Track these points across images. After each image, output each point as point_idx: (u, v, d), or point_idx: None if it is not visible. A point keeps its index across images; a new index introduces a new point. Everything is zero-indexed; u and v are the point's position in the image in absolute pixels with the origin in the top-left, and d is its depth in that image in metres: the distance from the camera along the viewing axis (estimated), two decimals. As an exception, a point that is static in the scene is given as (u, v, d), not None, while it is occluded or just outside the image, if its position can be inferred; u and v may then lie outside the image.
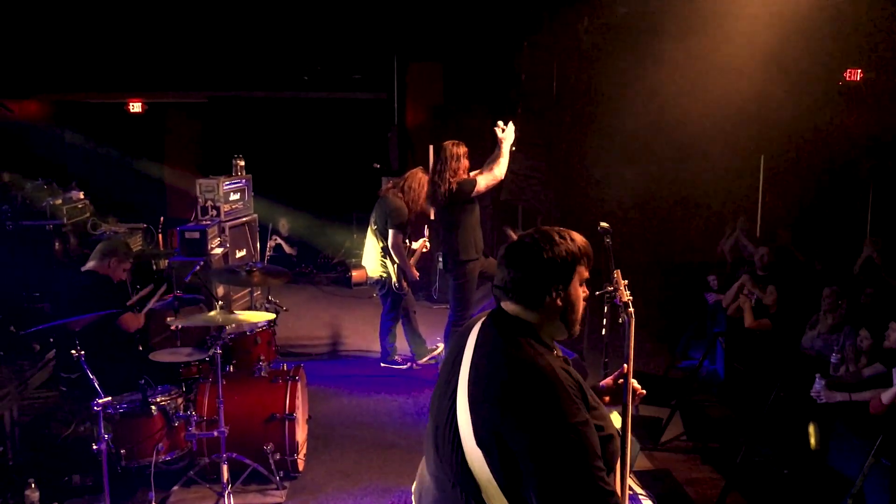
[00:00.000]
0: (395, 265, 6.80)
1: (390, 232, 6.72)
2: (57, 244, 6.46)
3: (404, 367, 7.14)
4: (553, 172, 8.68)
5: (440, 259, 6.58)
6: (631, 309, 2.82)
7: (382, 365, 7.15)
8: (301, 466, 5.04)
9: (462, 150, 6.30)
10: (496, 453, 2.08)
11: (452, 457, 2.18)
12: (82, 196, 6.89)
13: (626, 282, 2.88)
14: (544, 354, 2.19)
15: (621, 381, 2.72)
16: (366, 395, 6.46)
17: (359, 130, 10.80)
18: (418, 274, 7.03)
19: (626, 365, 2.72)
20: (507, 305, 2.30)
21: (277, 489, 4.82)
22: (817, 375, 5.46)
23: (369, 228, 7.00)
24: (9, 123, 9.99)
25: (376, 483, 4.96)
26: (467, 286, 6.44)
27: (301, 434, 5.11)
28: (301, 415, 5.12)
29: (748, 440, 5.14)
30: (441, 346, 7.29)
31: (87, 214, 7.08)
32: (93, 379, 4.22)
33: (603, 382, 2.81)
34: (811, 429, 5.35)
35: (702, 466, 5.42)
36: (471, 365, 2.23)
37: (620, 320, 2.87)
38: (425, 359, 7.15)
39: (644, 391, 2.77)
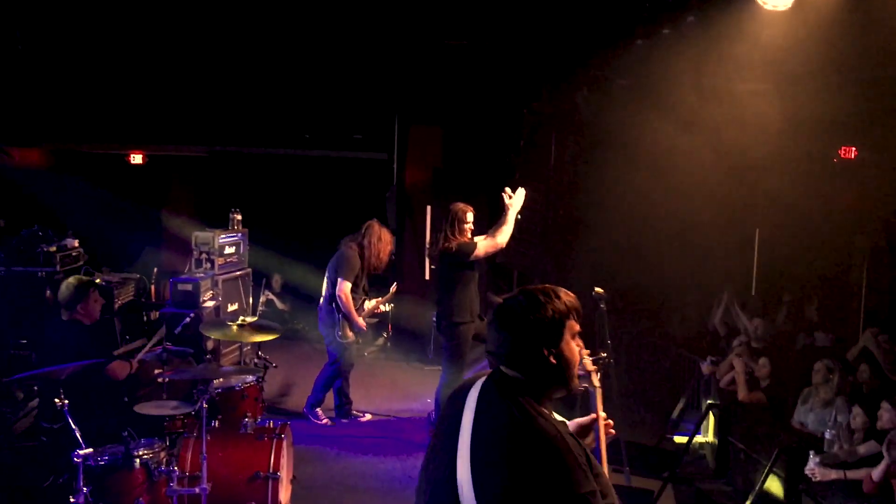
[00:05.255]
0: (340, 314, 6.76)
1: (338, 280, 6.73)
2: (48, 292, 6.42)
3: (322, 422, 7.01)
4: (549, 238, 8.71)
5: (434, 319, 6.54)
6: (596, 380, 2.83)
7: (303, 411, 7.07)
8: (283, 528, 4.92)
9: (469, 212, 6.34)
10: None
11: None
12: (77, 244, 6.88)
13: (588, 351, 2.88)
14: (548, 418, 2.17)
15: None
16: (353, 456, 6.34)
17: (357, 189, 10.87)
18: (365, 326, 6.99)
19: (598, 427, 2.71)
20: (505, 370, 2.28)
21: (258, 550, 4.69)
22: (811, 452, 5.40)
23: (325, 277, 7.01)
24: (8, 170, 10.03)
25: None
26: (460, 348, 6.40)
27: (285, 494, 5.00)
28: (286, 474, 5.02)
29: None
30: (368, 415, 7.22)
31: (80, 263, 7.06)
32: (75, 429, 4.15)
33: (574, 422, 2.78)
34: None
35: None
36: (472, 429, 2.20)
37: (582, 388, 2.84)
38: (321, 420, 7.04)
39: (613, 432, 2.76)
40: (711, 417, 6.92)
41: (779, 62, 6.89)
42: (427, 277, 9.19)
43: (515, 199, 6.32)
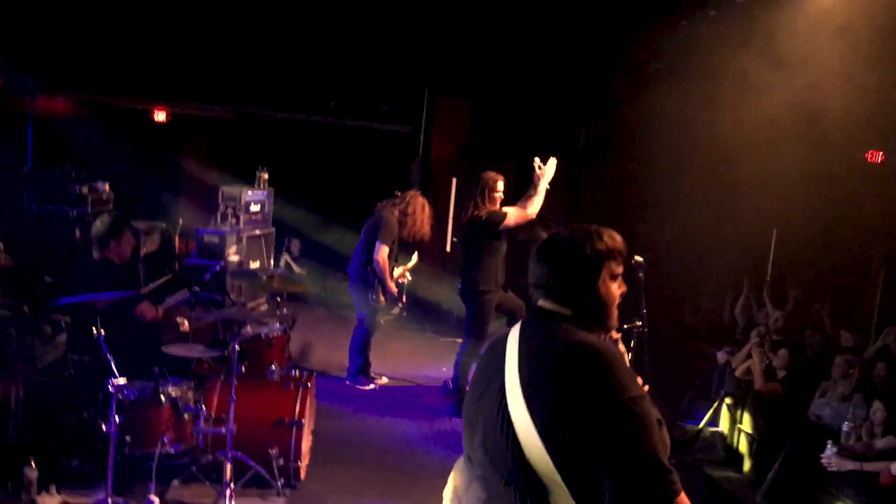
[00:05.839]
0: (375, 278, 6.76)
1: (377, 244, 6.70)
2: (78, 232, 6.45)
3: (368, 387, 7.04)
4: (573, 219, 8.71)
5: (459, 287, 6.55)
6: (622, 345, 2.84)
7: (347, 382, 7.07)
8: (303, 475, 4.95)
9: (500, 181, 6.33)
10: (560, 439, 2.06)
11: (508, 454, 2.15)
12: (107, 188, 6.91)
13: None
14: (591, 336, 2.22)
15: None
16: (370, 416, 6.40)
17: (381, 160, 10.86)
18: (397, 290, 6.97)
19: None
20: (544, 303, 2.31)
21: (278, 495, 4.74)
22: (829, 442, 5.41)
23: (360, 239, 6.99)
24: (37, 115, 10.04)
25: (377, 501, 4.88)
26: (483, 317, 6.42)
27: (306, 443, 5.04)
28: (308, 424, 5.06)
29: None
30: (385, 378, 7.23)
31: (110, 206, 7.09)
32: (110, 359, 4.17)
33: None
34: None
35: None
36: (518, 361, 2.21)
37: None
38: (367, 386, 7.07)
39: None
40: (724, 406, 6.94)
41: (816, 57, 6.85)
42: (447, 250, 9.21)
43: (547, 170, 6.30)
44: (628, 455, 2.01)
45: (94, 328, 4.20)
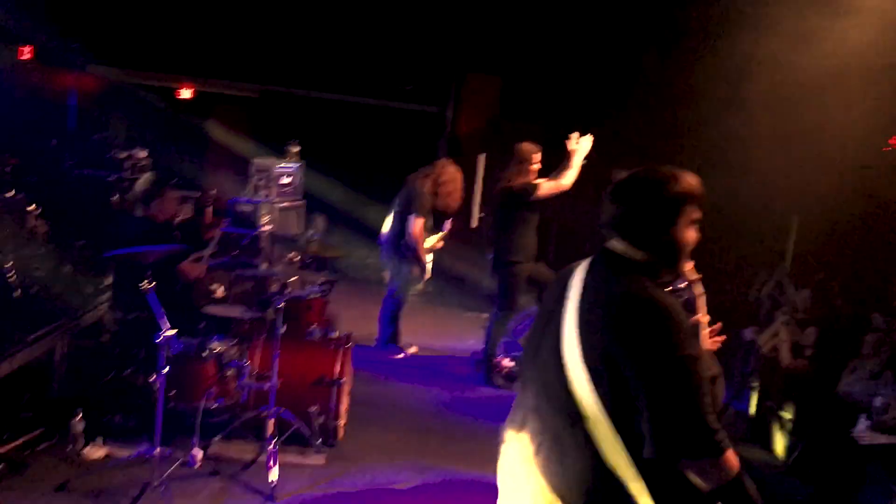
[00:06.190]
0: (409, 250, 6.80)
1: (410, 217, 6.73)
2: (115, 196, 6.53)
3: (400, 356, 7.11)
4: (600, 197, 8.70)
5: (490, 258, 6.58)
6: (700, 287, 2.81)
7: (378, 352, 7.11)
8: (341, 435, 5.03)
9: (536, 153, 6.35)
10: (606, 380, 2.09)
11: (560, 389, 2.18)
12: (145, 154, 6.98)
13: (693, 262, 2.87)
14: (658, 289, 2.19)
15: None
16: (401, 382, 6.49)
17: (406, 140, 10.90)
18: (428, 263, 6.99)
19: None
20: (615, 244, 2.28)
21: (317, 452, 4.82)
22: (862, 416, 5.44)
23: (392, 211, 7.01)
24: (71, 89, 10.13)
25: (414, 461, 4.95)
26: (513, 288, 6.45)
27: (344, 403, 5.12)
28: (347, 384, 5.13)
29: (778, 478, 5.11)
30: (414, 348, 7.27)
31: (147, 173, 7.16)
32: (160, 311, 4.23)
33: None
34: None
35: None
36: (579, 300, 2.23)
37: (683, 299, 2.84)
38: (398, 355, 7.13)
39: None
40: (751, 383, 6.96)
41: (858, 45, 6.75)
42: (473, 225, 9.24)
43: (582, 144, 6.32)
44: (676, 414, 2.01)
45: (142, 282, 4.25)
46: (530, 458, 2.30)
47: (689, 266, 2.87)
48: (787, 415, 6.28)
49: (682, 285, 2.65)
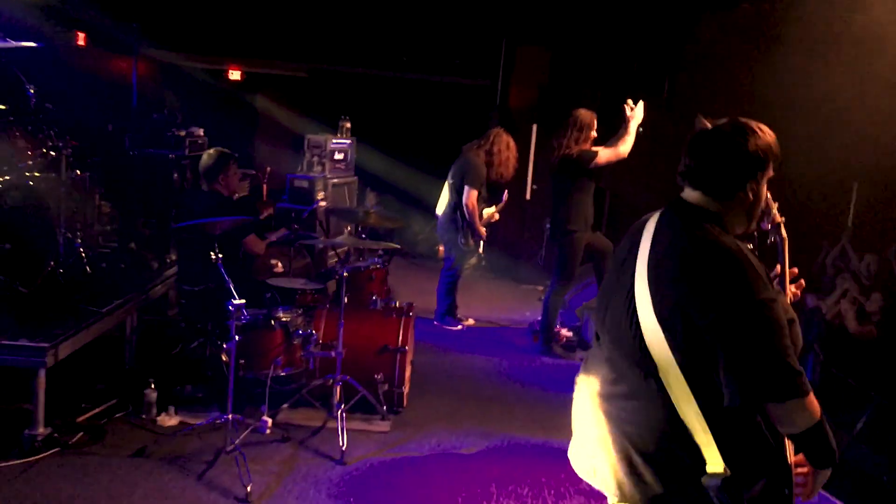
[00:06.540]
0: (465, 222, 6.80)
1: (465, 189, 6.72)
2: (175, 175, 6.64)
3: (458, 328, 7.14)
4: (654, 167, 8.60)
5: (548, 227, 6.55)
6: (783, 231, 2.76)
7: (435, 323, 7.16)
8: (405, 402, 5.09)
9: (594, 120, 6.30)
10: (679, 330, 2.08)
11: (632, 339, 2.19)
12: (202, 133, 7.08)
13: (777, 204, 2.82)
14: (730, 237, 2.19)
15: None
16: (460, 353, 6.51)
17: (458, 113, 10.88)
18: (485, 232, 6.99)
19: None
20: (690, 194, 2.28)
21: (382, 419, 4.88)
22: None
23: (446, 182, 7.02)
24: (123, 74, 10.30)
25: (477, 427, 4.99)
26: (572, 257, 6.42)
27: (407, 371, 5.17)
28: (409, 352, 5.18)
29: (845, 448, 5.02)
30: (471, 320, 7.30)
31: (210, 150, 7.26)
32: (228, 281, 4.32)
33: None
34: None
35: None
36: (651, 250, 2.23)
37: (771, 240, 2.79)
38: (455, 327, 7.17)
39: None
40: (814, 350, 6.84)
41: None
42: (527, 197, 9.21)
43: (637, 111, 6.24)
44: (758, 357, 2.01)
45: (211, 253, 4.34)
46: (601, 406, 2.33)
47: (774, 208, 2.81)
48: (854, 380, 6.16)
49: (768, 227, 2.62)
